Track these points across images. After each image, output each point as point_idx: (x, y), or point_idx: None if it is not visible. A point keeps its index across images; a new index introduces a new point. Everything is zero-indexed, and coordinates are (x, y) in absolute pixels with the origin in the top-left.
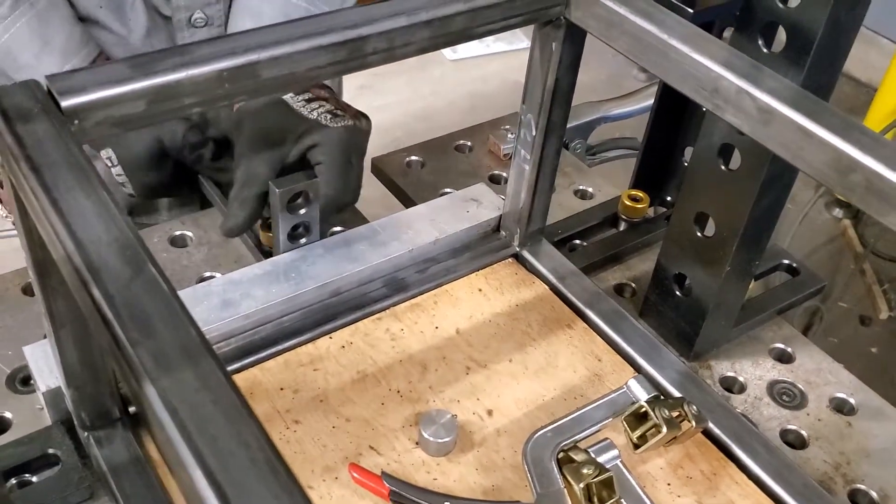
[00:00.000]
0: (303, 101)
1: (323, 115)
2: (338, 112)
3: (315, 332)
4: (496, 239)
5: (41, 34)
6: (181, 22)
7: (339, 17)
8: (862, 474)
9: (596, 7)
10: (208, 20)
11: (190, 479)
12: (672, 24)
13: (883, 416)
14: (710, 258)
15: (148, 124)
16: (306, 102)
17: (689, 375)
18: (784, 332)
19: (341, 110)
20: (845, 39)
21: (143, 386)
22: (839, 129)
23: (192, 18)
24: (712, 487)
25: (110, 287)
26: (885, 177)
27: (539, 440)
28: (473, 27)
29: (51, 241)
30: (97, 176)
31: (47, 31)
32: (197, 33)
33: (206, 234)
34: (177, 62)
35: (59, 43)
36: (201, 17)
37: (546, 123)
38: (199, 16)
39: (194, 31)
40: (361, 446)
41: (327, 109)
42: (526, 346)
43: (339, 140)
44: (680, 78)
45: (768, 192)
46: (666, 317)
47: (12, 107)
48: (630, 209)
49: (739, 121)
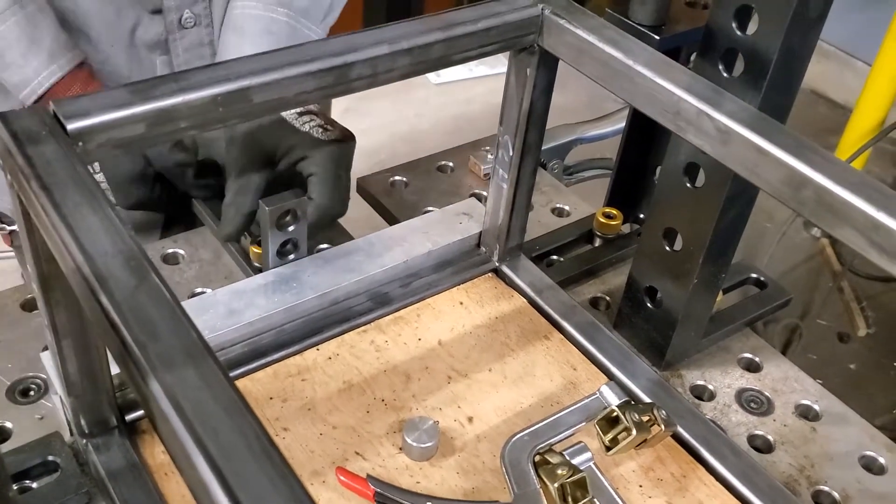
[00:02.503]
0: (295, 114)
1: (314, 129)
2: (328, 127)
3: (302, 344)
4: (476, 255)
5: (29, 34)
6: (172, 24)
7: (325, 46)
8: (825, 476)
9: (567, 35)
10: (196, 20)
11: (194, 467)
12: (638, 51)
13: (845, 422)
14: (679, 271)
15: (148, 146)
16: (298, 115)
17: (660, 383)
18: (752, 343)
19: (330, 125)
20: (799, 64)
21: (150, 384)
22: (792, 148)
23: (182, 19)
24: (682, 489)
25: (117, 295)
26: (834, 192)
27: (516, 444)
28: (451, 55)
29: (60, 254)
30: (102, 193)
31: (35, 32)
32: (187, 35)
33: (197, 252)
34: (173, 88)
35: (46, 44)
36: (190, 16)
37: (522, 144)
38: (188, 15)
39: (185, 32)
40: (348, 452)
41: (318, 124)
42: (505, 356)
43: (329, 153)
44: (645, 101)
45: (732, 207)
46: (638, 328)
47: (22, 130)
48: (604, 226)
49: (700, 141)
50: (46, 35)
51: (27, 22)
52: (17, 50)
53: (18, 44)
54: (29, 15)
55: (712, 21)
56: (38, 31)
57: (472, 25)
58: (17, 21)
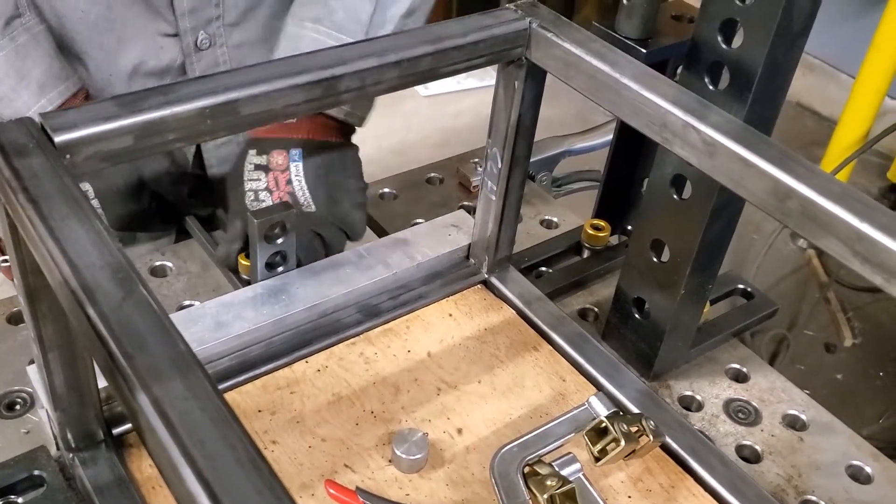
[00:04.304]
0: (252, 165)
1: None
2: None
3: (291, 356)
4: (465, 266)
5: (18, 68)
6: (189, 47)
7: (314, 58)
8: (812, 486)
9: (555, 49)
10: (211, 40)
11: (181, 479)
12: (625, 64)
13: (832, 432)
14: (666, 282)
15: (135, 158)
16: (254, 168)
17: (648, 394)
18: (739, 353)
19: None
20: (784, 77)
21: (137, 396)
22: (777, 159)
23: (198, 41)
24: (671, 499)
25: (104, 307)
26: (818, 203)
27: (506, 455)
28: (440, 67)
29: (47, 267)
30: (90, 206)
31: (24, 66)
32: (204, 57)
33: (185, 265)
34: (161, 100)
35: (36, 76)
36: (205, 37)
37: (511, 156)
38: (203, 36)
39: (202, 54)
40: (337, 464)
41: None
42: (494, 367)
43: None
44: (632, 113)
45: (718, 219)
46: (626, 339)
47: (9, 142)
48: (593, 237)
49: (687, 153)
50: (37, 67)
51: (17, 56)
52: (7, 84)
53: (7, 78)
54: (20, 48)
55: (698, 35)
56: (28, 64)
57: (461, 39)
58: (6, 55)
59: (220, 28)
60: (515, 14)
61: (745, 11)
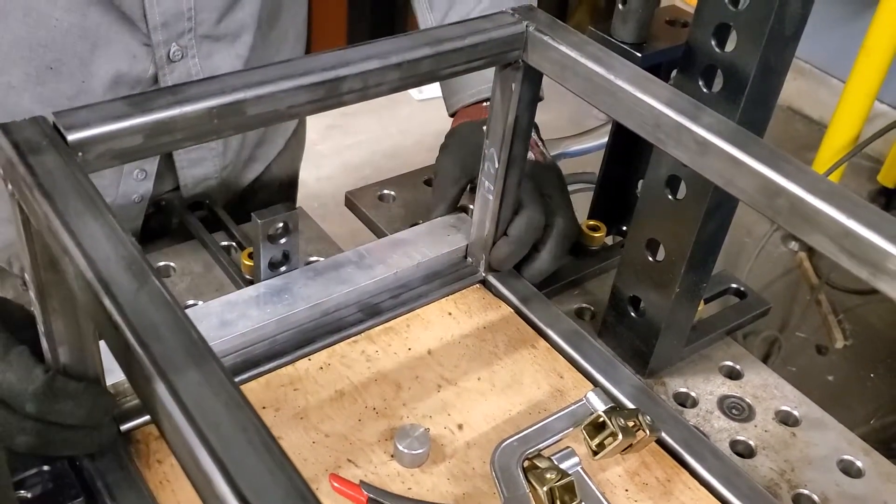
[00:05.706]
0: None
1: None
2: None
3: (294, 354)
4: (464, 266)
5: None
6: (162, 59)
7: (317, 60)
8: (805, 480)
9: (551, 52)
10: (182, 52)
11: (196, 461)
12: (619, 66)
13: (824, 427)
14: (662, 281)
15: (145, 156)
16: None
17: (643, 390)
18: (733, 351)
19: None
20: (776, 80)
21: (153, 383)
22: (766, 158)
23: (170, 53)
24: (667, 493)
25: (120, 298)
26: (806, 200)
27: (506, 449)
28: (439, 69)
29: (63, 260)
30: (103, 202)
31: None
32: (176, 69)
33: (189, 265)
34: (170, 100)
35: None
36: (177, 49)
37: (508, 157)
38: (175, 48)
39: (174, 66)
40: (340, 459)
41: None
42: (493, 364)
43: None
44: (627, 115)
45: (712, 218)
46: (622, 336)
47: (23, 140)
48: (589, 238)
49: (680, 152)
50: None
51: None
52: None
53: None
54: None
55: (692, 39)
56: None
57: (460, 41)
58: None
59: (192, 40)
60: (513, 18)
61: (739, 16)
